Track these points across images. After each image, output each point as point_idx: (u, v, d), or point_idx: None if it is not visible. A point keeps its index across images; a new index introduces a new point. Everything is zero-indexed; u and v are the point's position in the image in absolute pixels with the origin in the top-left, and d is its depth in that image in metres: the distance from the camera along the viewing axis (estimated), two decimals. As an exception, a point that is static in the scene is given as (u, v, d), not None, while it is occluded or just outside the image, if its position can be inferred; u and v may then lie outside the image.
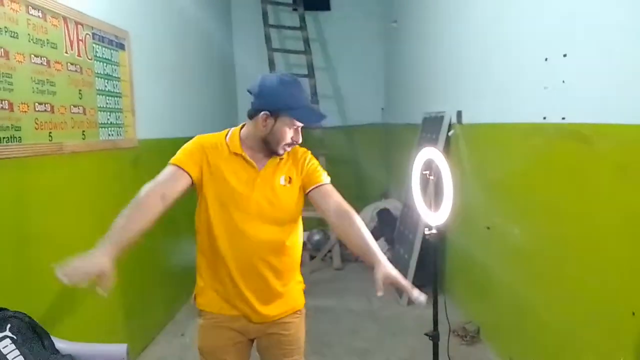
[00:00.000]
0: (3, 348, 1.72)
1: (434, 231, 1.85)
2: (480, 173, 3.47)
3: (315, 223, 5.75)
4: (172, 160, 1.76)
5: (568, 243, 2.39)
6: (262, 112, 1.69)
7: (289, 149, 1.77)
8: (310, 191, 1.81)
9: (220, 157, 1.76)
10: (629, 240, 1.95)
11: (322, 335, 3.60)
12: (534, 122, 2.61)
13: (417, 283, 4.11)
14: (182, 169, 1.72)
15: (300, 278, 1.95)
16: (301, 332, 1.94)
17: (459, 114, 3.73)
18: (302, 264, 1.98)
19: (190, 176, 1.72)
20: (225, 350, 1.84)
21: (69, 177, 2.52)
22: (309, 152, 1.90)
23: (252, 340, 1.91)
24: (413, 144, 4.56)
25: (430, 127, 4.23)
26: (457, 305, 3.97)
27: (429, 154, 1.85)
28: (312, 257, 5.42)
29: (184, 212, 2.05)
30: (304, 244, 5.73)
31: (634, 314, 1.89)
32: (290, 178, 1.80)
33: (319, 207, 1.81)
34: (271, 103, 1.69)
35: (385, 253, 4.83)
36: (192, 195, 1.80)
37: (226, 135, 1.81)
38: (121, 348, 1.96)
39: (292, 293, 1.89)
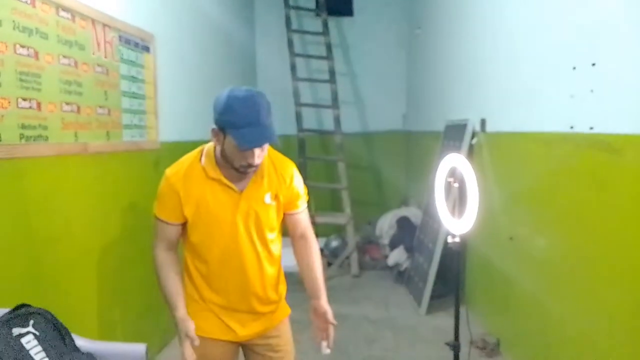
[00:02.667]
0: (26, 343, 1.74)
1: (457, 239, 1.82)
2: (503, 182, 3.42)
3: (333, 229, 5.74)
4: (154, 211, 1.77)
5: (594, 256, 2.33)
6: (212, 127, 1.64)
7: (249, 171, 1.66)
8: (288, 214, 1.86)
9: (196, 185, 1.71)
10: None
11: (339, 343, 3.54)
12: (560, 131, 2.56)
13: (437, 293, 4.12)
14: (166, 221, 1.75)
15: (283, 286, 1.95)
16: (289, 336, 1.97)
17: (483, 122, 3.68)
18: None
19: (177, 222, 1.75)
20: (213, 357, 1.85)
21: (93, 176, 2.55)
22: (295, 167, 1.85)
23: (239, 345, 1.92)
24: (435, 152, 4.52)
25: (453, 135, 4.19)
26: (476, 316, 3.90)
27: (454, 160, 1.82)
28: (329, 264, 5.39)
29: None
30: (321, 250, 5.75)
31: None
32: (276, 195, 1.77)
33: (288, 226, 1.88)
34: (217, 119, 1.61)
35: (404, 262, 4.84)
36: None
37: (200, 156, 1.74)
38: (140, 348, 1.96)
39: (282, 304, 1.95)
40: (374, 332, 3.77)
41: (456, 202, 1.80)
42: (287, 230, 1.91)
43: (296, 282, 1.84)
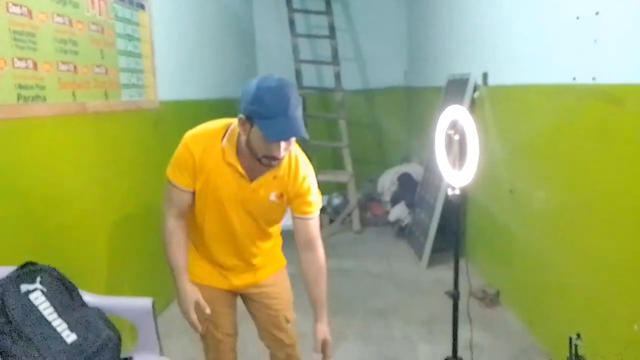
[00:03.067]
0: (35, 300, 1.78)
1: (457, 192, 1.83)
2: (505, 136, 3.41)
3: (335, 187, 5.77)
4: (168, 175, 1.75)
5: (594, 207, 2.35)
6: (239, 115, 1.59)
7: (274, 163, 1.62)
8: (295, 216, 1.82)
9: (212, 162, 1.69)
10: (657, 203, 1.91)
11: (342, 296, 3.65)
12: (562, 82, 2.53)
13: (437, 247, 4.16)
14: (179, 187, 1.73)
15: (279, 240, 1.99)
16: (285, 283, 2.00)
17: (485, 75, 3.64)
18: (322, 227, 1.99)
19: (189, 188, 1.74)
20: (212, 304, 1.86)
21: (92, 137, 2.55)
22: (311, 169, 1.80)
23: (237, 294, 1.99)
24: (436, 108, 4.49)
25: (455, 90, 4.15)
26: (477, 269, 3.97)
27: (455, 113, 1.81)
28: (331, 221, 5.45)
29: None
30: (324, 208, 5.79)
31: (659, 277, 1.86)
32: (281, 194, 1.75)
33: (295, 232, 1.84)
34: (245, 108, 1.55)
35: (405, 217, 4.88)
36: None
37: (224, 134, 1.69)
38: (147, 302, 2.01)
39: (278, 256, 1.99)
40: (376, 285, 3.85)
41: (456, 155, 1.80)
42: (294, 234, 1.86)
43: (292, 237, 1.85)
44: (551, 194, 2.76)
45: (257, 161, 1.62)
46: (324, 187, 1.95)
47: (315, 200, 1.80)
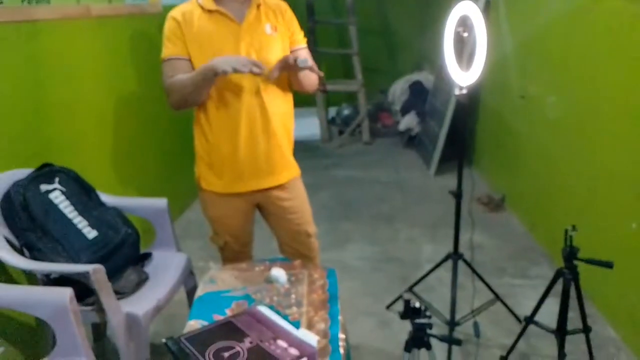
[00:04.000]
0: (55, 199, 1.87)
1: (464, 91, 1.82)
2: (518, 39, 3.31)
3: (344, 98, 5.71)
4: (162, 56, 1.76)
5: (600, 112, 2.33)
6: None
7: None
8: (292, 49, 1.84)
9: (196, 21, 1.73)
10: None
11: (351, 202, 3.75)
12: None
13: (447, 156, 4.18)
14: (176, 57, 1.73)
15: (292, 155, 1.97)
16: (303, 196, 2.01)
17: (501, -25, 3.47)
18: (332, 138, 2.00)
19: (186, 55, 1.74)
20: (231, 216, 1.94)
21: (99, 41, 2.53)
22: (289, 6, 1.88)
23: (255, 206, 1.98)
24: (450, 10, 4.32)
25: (469, -8, 3.97)
26: (484, 175, 4.03)
27: (464, 9, 1.76)
28: (340, 132, 5.46)
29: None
30: (333, 119, 5.79)
31: (660, 177, 1.89)
32: (276, 27, 1.79)
33: None
34: None
35: (415, 127, 4.88)
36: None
37: None
38: (162, 202, 2.10)
39: (291, 161, 1.95)
40: (384, 192, 3.94)
41: (465, 53, 1.77)
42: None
43: (304, 149, 1.87)
44: (560, 100, 2.73)
45: None
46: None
47: (300, 30, 1.88)
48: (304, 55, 1.83)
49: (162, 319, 2.16)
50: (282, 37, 1.81)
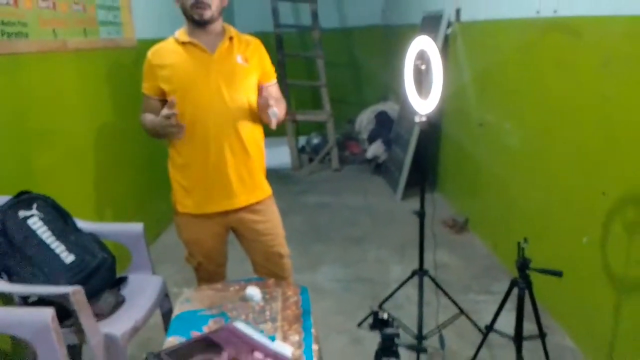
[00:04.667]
0: (32, 224, 1.92)
1: (423, 119, 1.98)
2: (476, 71, 3.54)
3: (314, 127, 5.88)
4: (142, 89, 1.95)
5: (552, 135, 2.53)
6: None
7: (201, 10, 1.80)
8: (263, 86, 1.97)
9: (168, 55, 1.88)
10: (604, 126, 2.08)
11: (322, 226, 3.86)
12: (527, 17, 2.65)
13: (412, 181, 4.34)
14: (148, 95, 1.93)
15: (264, 177, 2.07)
16: (276, 218, 2.09)
17: (458, 11, 3.72)
18: (302, 166, 2.12)
19: (157, 96, 1.91)
20: (204, 239, 2.03)
21: (75, 74, 2.62)
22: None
23: (229, 228, 2.06)
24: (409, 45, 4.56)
25: (429, 26, 4.22)
26: (448, 200, 4.21)
27: (421, 43, 1.93)
28: (310, 160, 5.60)
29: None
30: (303, 148, 5.94)
31: (604, 193, 2.07)
32: (247, 59, 1.91)
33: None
34: None
35: (382, 154, 5.05)
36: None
37: (175, 33, 1.92)
38: (138, 227, 2.16)
39: (262, 181, 2.04)
40: (353, 217, 4.06)
41: (423, 83, 1.93)
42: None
43: (275, 176, 1.98)
44: (515, 127, 2.93)
45: (194, 23, 1.84)
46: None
47: (271, 66, 2.02)
48: (275, 91, 1.99)
49: (138, 342, 2.19)
50: (253, 69, 1.92)
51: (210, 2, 1.81)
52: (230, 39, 1.90)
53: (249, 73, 1.92)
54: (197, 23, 1.84)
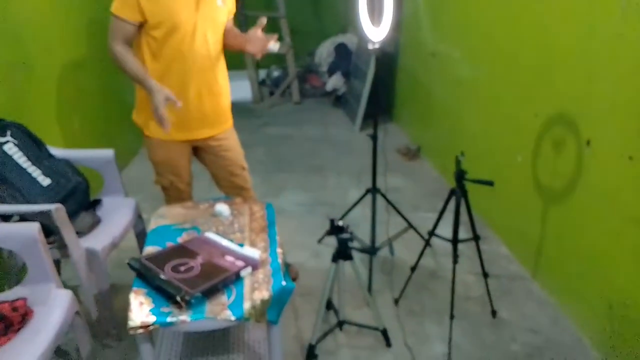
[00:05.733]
0: (8, 150, 2.01)
1: (376, 45, 2.12)
2: (429, 2, 3.66)
3: (274, 59, 5.90)
4: (112, 10, 1.89)
5: (495, 63, 2.73)
6: None
7: None
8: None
9: None
10: (539, 53, 2.29)
11: (284, 157, 4.03)
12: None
13: (370, 112, 4.53)
14: (125, 19, 1.88)
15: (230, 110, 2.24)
16: (236, 139, 2.28)
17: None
18: (263, 99, 2.28)
19: (136, 21, 1.89)
20: (174, 158, 2.17)
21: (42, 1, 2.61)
22: None
23: (193, 147, 2.22)
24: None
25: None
26: (404, 130, 4.43)
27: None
28: (271, 93, 5.68)
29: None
30: (264, 81, 5.98)
31: (536, 115, 2.30)
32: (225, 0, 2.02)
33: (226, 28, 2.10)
34: None
35: (341, 87, 5.18)
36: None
37: None
38: (109, 152, 2.28)
39: (229, 114, 2.23)
40: (314, 147, 4.24)
41: (376, 11, 2.06)
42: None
43: (237, 109, 2.13)
44: (463, 55, 3.11)
45: None
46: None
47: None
48: (231, 24, 2.12)
49: (115, 263, 2.35)
50: (227, 8, 2.05)
51: None
52: None
53: (225, 14, 2.03)
54: None
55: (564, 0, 2.08)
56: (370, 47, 2.12)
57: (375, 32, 2.07)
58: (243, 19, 5.27)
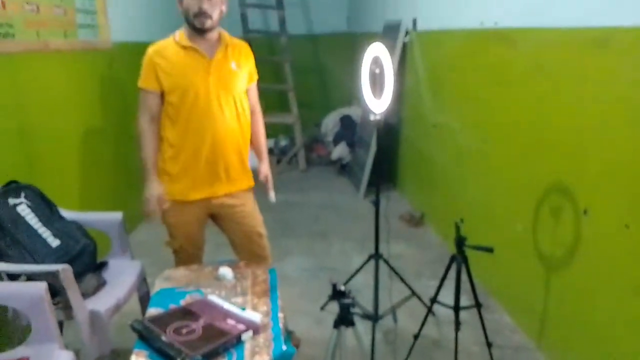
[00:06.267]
0: (21, 211, 2.08)
1: (378, 117, 2.23)
2: (430, 76, 3.83)
3: (281, 129, 6.10)
4: (139, 85, 2.08)
5: (493, 134, 2.82)
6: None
7: (203, 19, 1.98)
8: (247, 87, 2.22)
9: (171, 56, 2.04)
10: (536, 125, 2.38)
11: (289, 222, 4.08)
12: (473, 27, 2.95)
13: (374, 180, 4.60)
14: (148, 89, 2.06)
15: (249, 169, 2.33)
16: (254, 203, 2.35)
17: (414, 21, 4.01)
18: (270, 167, 2.41)
19: (156, 90, 2.06)
20: (187, 222, 2.22)
21: (55, 73, 2.77)
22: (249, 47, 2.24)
23: (209, 214, 2.27)
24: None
25: (390, 34, 4.51)
26: (407, 197, 4.49)
27: (376, 50, 2.18)
28: (278, 161, 5.82)
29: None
30: (271, 149, 6.14)
31: (534, 184, 2.36)
32: (239, 64, 2.14)
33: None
34: None
35: (346, 156, 5.31)
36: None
37: (175, 34, 2.08)
38: (117, 215, 2.34)
39: (247, 173, 2.29)
40: (319, 213, 4.30)
41: (377, 85, 2.18)
42: None
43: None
44: (463, 127, 3.23)
45: (194, 30, 2.01)
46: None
47: (255, 68, 2.26)
48: (253, 94, 2.29)
49: (118, 328, 2.33)
50: (243, 73, 2.16)
51: (212, 13, 2.00)
52: (226, 46, 2.10)
53: (240, 77, 2.14)
54: (198, 30, 2.02)
55: (556, 75, 2.20)
56: (372, 118, 2.23)
57: (377, 104, 2.19)
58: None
